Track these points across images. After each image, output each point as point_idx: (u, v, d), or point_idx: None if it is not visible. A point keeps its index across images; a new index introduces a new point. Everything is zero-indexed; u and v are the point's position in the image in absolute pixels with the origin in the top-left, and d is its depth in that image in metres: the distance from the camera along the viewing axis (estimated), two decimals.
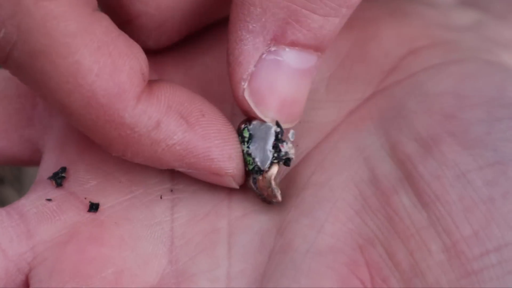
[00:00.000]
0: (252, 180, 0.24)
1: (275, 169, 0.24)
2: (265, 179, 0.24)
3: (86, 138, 0.26)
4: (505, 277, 0.20)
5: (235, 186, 0.24)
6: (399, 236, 0.21)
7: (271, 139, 0.24)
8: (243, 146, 0.24)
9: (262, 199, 0.24)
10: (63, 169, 0.26)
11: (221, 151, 0.23)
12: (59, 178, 0.25)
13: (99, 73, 0.21)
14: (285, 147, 0.24)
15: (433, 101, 0.23)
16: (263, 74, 0.23)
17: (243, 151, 0.24)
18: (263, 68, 0.23)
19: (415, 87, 0.24)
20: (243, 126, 0.24)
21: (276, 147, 0.24)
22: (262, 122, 0.24)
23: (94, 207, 0.25)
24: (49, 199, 0.25)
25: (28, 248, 0.24)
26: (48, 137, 0.27)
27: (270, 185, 0.24)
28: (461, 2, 0.29)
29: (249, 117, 0.24)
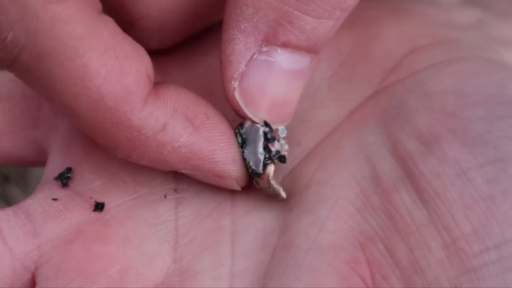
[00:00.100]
0: (254, 181, 0.24)
1: (271, 169, 0.24)
2: (264, 180, 0.24)
3: (91, 139, 0.26)
4: (504, 274, 0.20)
5: (237, 188, 0.24)
6: (399, 234, 0.21)
7: (261, 141, 0.24)
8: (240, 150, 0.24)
9: (269, 195, 0.24)
10: (68, 169, 0.26)
11: (225, 154, 0.23)
12: (64, 179, 0.26)
13: (106, 76, 0.21)
14: (276, 146, 0.24)
15: (434, 99, 0.23)
16: (254, 74, 0.23)
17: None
18: (254, 68, 0.23)
19: (416, 85, 0.24)
20: (236, 130, 0.24)
21: (266, 148, 0.24)
22: (252, 123, 0.24)
23: (99, 206, 0.25)
24: (55, 198, 0.25)
25: (34, 247, 0.24)
26: (53, 138, 0.27)
27: (270, 185, 0.24)
28: (463, 0, 0.29)
29: (241, 118, 0.24)
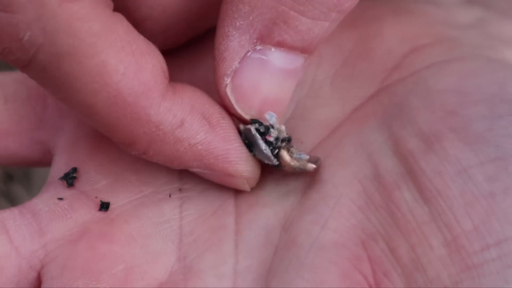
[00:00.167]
0: (283, 171, 0.25)
1: (283, 155, 0.24)
2: (286, 167, 0.24)
3: (96, 139, 0.26)
4: (504, 271, 0.20)
5: (247, 189, 0.25)
6: (400, 231, 0.21)
7: (259, 138, 0.24)
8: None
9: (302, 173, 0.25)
10: (74, 169, 0.26)
11: (240, 154, 0.24)
12: (70, 179, 0.26)
13: (125, 72, 0.21)
14: (273, 134, 0.24)
15: (435, 98, 0.23)
16: (246, 72, 0.23)
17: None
18: (247, 65, 0.23)
19: (417, 84, 0.24)
20: None
21: (266, 141, 0.24)
22: (244, 125, 0.24)
23: (104, 206, 0.25)
24: (60, 198, 0.25)
25: (40, 245, 0.24)
26: (58, 138, 0.27)
27: (293, 167, 0.24)
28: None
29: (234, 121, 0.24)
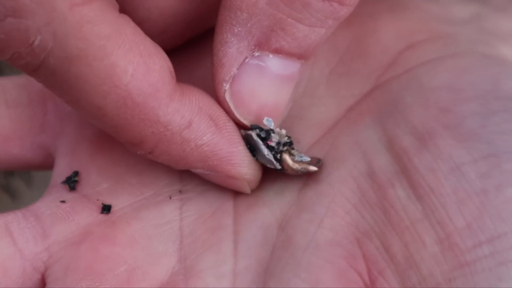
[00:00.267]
0: (287, 173, 0.25)
1: (286, 158, 0.24)
2: (289, 170, 0.24)
3: (96, 143, 0.27)
4: (497, 268, 0.20)
5: (247, 191, 0.25)
6: (394, 229, 0.22)
7: (261, 144, 0.24)
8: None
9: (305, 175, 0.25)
10: (75, 173, 0.26)
11: (243, 157, 0.24)
12: (72, 182, 0.26)
13: (133, 73, 0.21)
14: (274, 138, 0.24)
15: (429, 95, 0.23)
16: (245, 78, 0.23)
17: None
18: (245, 71, 0.23)
19: (412, 81, 0.24)
20: None
21: (268, 146, 0.24)
22: (245, 130, 0.24)
23: (106, 208, 0.25)
24: (63, 200, 0.26)
25: (43, 248, 0.25)
26: (59, 142, 0.28)
27: (296, 170, 0.24)
28: None
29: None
